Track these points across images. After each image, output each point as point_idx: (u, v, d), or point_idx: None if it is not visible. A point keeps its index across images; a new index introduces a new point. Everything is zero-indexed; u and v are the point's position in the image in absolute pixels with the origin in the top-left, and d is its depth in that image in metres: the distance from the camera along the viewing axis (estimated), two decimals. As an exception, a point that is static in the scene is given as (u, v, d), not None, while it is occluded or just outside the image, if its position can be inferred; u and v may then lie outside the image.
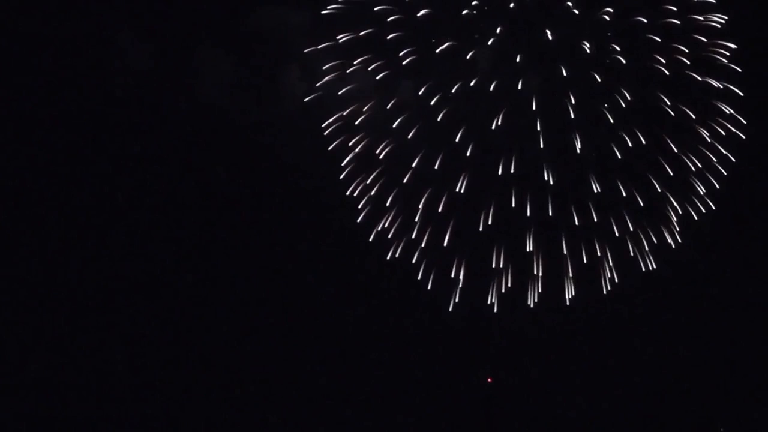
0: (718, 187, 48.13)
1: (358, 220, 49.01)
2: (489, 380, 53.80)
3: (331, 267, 52.54)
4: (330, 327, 53.42)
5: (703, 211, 48.51)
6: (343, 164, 48.36)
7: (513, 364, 53.46)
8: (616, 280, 49.21)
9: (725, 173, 48.01)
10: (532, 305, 49.55)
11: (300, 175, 50.80)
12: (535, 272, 48.70)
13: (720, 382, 54.05)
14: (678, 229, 48.81)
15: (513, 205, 47.26)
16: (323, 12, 46.97)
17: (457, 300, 49.60)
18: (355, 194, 48.72)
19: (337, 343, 53.43)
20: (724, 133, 47.56)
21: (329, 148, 48.30)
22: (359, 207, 48.89)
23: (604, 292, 49.47)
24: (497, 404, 53.72)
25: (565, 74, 45.79)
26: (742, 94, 47.18)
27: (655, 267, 49.28)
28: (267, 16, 50.54)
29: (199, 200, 52.15)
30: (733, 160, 47.84)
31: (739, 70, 47.09)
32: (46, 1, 50.77)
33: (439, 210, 47.81)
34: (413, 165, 47.36)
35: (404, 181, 47.73)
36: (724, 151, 47.75)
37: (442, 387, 53.23)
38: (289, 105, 48.94)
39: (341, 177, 48.54)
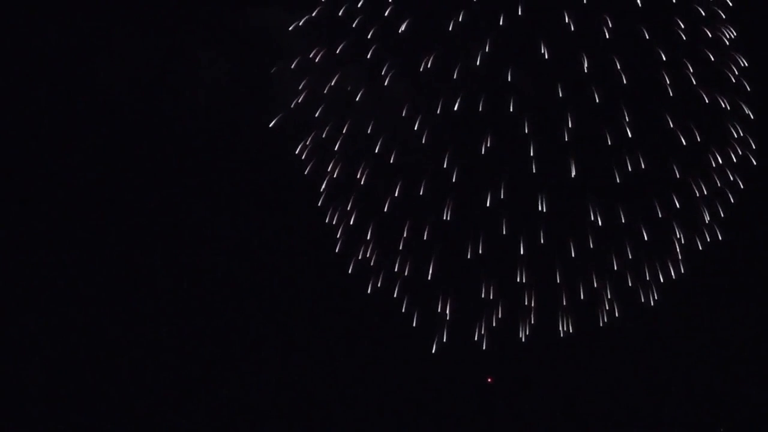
0: (723, 215, 45.47)
1: (336, 250, 46.27)
2: (489, 380, 52.04)
3: (308, 299, 50.30)
4: (311, 346, 51.45)
5: (709, 240, 45.77)
6: (321, 189, 45.63)
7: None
8: (616, 314, 46.46)
9: (733, 200, 45.28)
10: (524, 339, 46.87)
11: (274, 204, 48.39)
12: (527, 305, 45.81)
13: (720, 382, 52.04)
14: (681, 258, 45.88)
15: (504, 233, 43.97)
16: (290, 28, 43.72)
17: (444, 339, 46.92)
18: (333, 222, 45.97)
19: (319, 356, 51.47)
20: (733, 157, 44.57)
21: (305, 172, 45.55)
22: (338, 236, 46.09)
23: (601, 326, 46.76)
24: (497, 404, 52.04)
25: (560, 93, 42.19)
26: (752, 116, 44.14)
27: (656, 299, 46.55)
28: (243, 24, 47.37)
29: (168, 227, 50.46)
30: (742, 186, 45.16)
31: (749, 88, 44.00)
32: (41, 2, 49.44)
33: (424, 239, 44.60)
34: (395, 191, 44.12)
35: (386, 208, 44.52)
36: (732, 177, 44.89)
37: (442, 387, 51.33)
38: (261, 127, 45.74)
39: (319, 203, 45.85)
